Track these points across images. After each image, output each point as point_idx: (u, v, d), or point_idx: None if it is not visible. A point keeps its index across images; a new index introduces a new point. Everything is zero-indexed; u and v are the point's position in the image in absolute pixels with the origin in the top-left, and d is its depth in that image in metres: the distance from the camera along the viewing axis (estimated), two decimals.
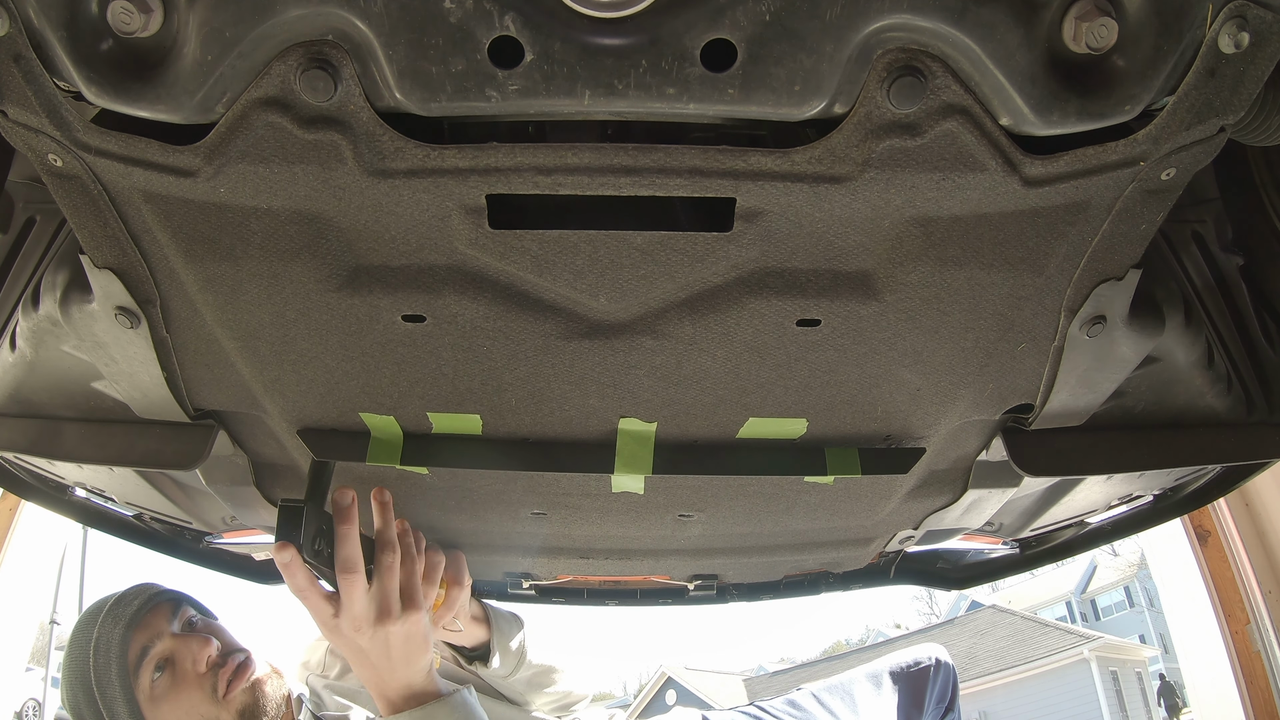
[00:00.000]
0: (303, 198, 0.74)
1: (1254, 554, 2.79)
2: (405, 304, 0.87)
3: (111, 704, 1.31)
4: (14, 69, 0.65)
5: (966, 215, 0.77)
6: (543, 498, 1.33)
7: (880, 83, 0.64)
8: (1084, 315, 0.89)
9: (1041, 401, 1.05)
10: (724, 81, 0.62)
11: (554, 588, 2.00)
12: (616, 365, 0.96)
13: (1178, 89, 0.66)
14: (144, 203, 0.77)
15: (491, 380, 0.99)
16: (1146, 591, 21.45)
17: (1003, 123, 0.67)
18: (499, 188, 0.73)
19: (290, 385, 1.02)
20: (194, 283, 0.86)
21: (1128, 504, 1.60)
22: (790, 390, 1.02)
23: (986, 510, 1.52)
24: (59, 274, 0.94)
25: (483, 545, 1.62)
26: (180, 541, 1.83)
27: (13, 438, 1.20)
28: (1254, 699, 2.77)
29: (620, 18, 0.59)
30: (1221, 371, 1.10)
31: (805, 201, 0.74)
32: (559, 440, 1.13)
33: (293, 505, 1.07)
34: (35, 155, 0.74)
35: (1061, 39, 0.62)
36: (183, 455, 1.13)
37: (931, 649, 1.96)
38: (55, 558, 3.33)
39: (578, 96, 0.62)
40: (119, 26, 0.61)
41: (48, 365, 1.08)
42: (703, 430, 1.10)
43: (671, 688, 21.04)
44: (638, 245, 0.80)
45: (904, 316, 0.89)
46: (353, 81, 0.64)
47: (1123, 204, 0.77)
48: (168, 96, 0.64)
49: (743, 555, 1.68)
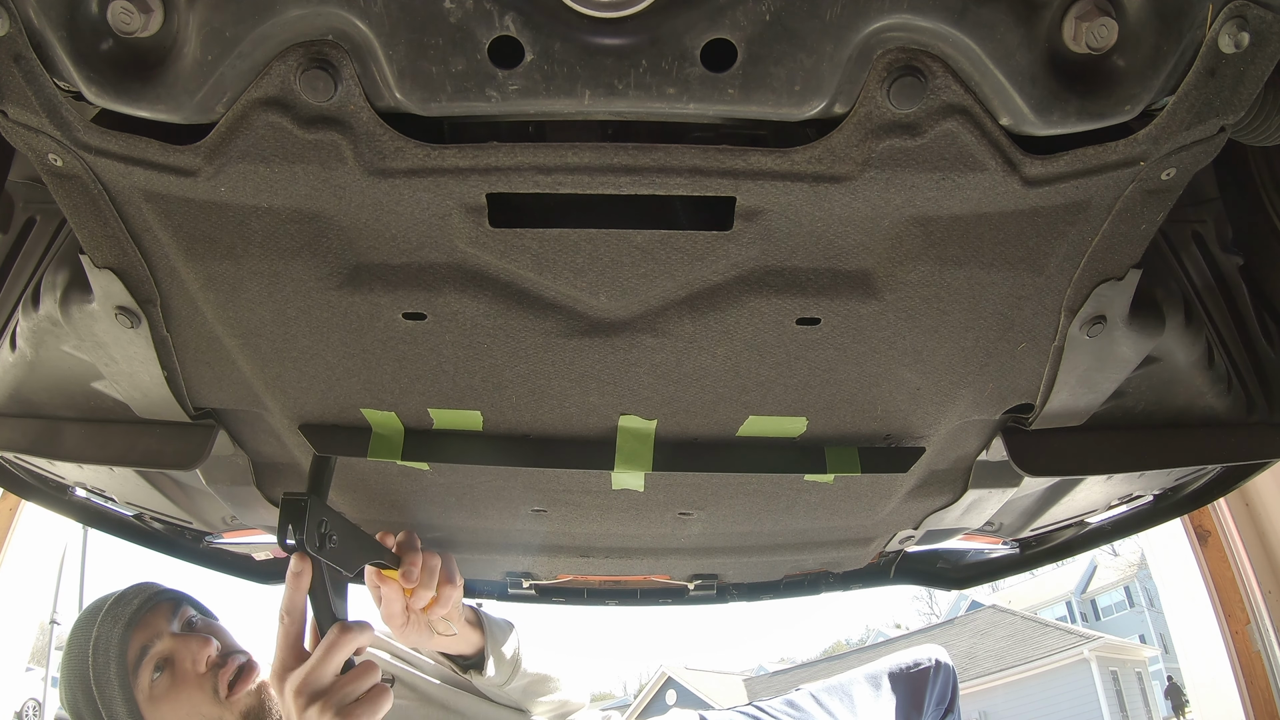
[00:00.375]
0: (303, 197, 0.74)
1: (1254, 554, 2.79)
2: (406, 302, 0.87)
3: (110, 703, 1.30)
4: (14, 69, 0.65)
5: (966, 215, 0.77)
6: (543, 494, 1.33)
7: (880, 83, 0.64)
8: (1084, 315, 0.89)
9: (1041, 401, 1.05)
10: (724, 81, 0.62)
11: (554, 587, 2.00)
12: (617, 363, 0.96)
13: (1178, 89, 0.66)
14: (144, 202, 0.77)
15: (492, 377, 0.99)
16: (1146, 591, 21.44)
17: (1003, 123, 0.67)
18: (499, 187, 0.73)
19: (291, 382, 1.02)
20: (195, 281, 0.86)
21: (1128, 504, 1.60)
22: (790, 389, 1.02)
23: (986, 510, 1.52)
24: (59, 274, 0.94)
25: (483, 543, 1.62)
26: (180, 541, 1.83)
27: (13, 438, 1.20)
28: (1254, 699, 2.77)
29: (620, 18, 0.59)
30: (1221, 371, 1.10)
31: (805, 201, 0.74)
32: (559, 437, 1.13)
33: (296, 499, 1.07)
34: (35, 155, 0.74)
35: (1062, 39, 0.62)
36: (183, 455, 1.13)
37: (931, 650, 1.96)
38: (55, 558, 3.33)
39: (578, 96, 0.62)
40: (119, 26, 0.61)
41: (48, 365, 1.09)
42: (702, 428, 1.11)
43: (671, 688, 21.05)
44: (638, 244, 0.80)
45: (904, 316, 0.89)
46: (353, 81, 0.64)
47: (1123, 204, 0.77)
48: (168, 96, 0.64)
49: (743, 555, 1.68)
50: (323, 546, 1.09)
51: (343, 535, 1.13)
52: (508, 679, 1.55)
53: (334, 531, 1.11)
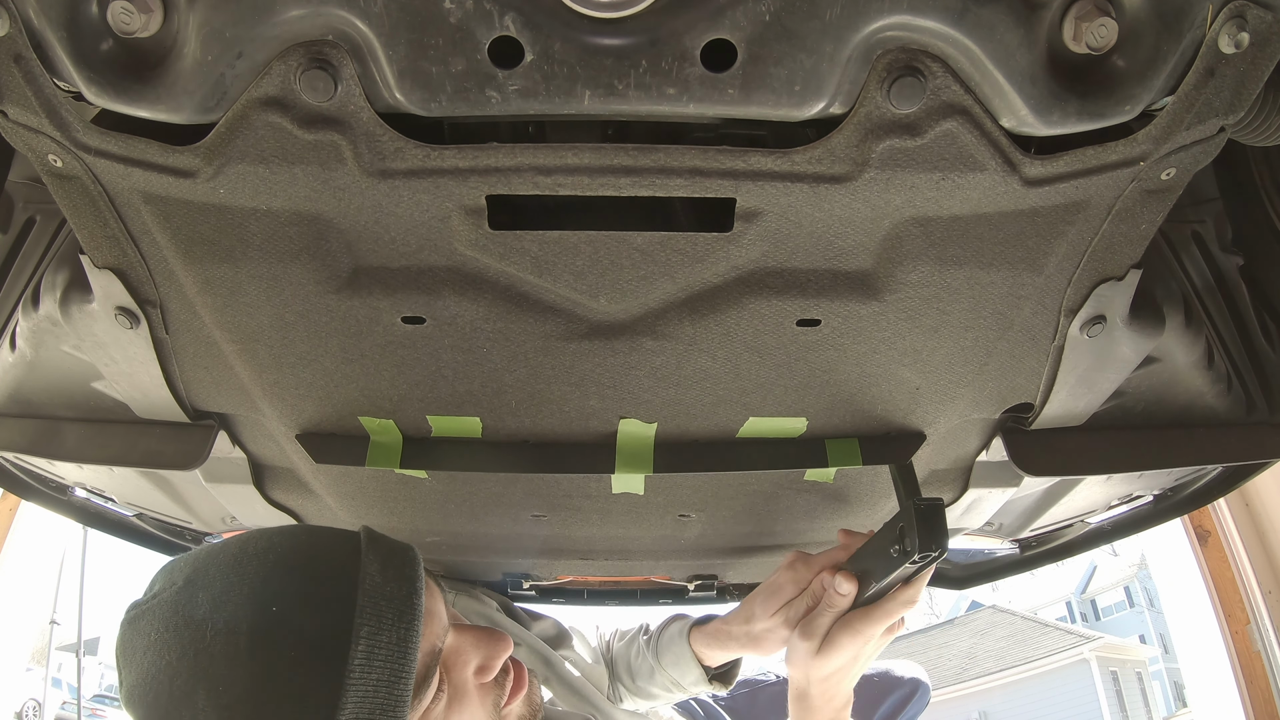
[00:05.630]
0: (302, 198, 0.74)
1: (1254, 554, 2.79)
2: (405, 305, 0.86)
3: None
4: (14, 69, 0.64)
5: (966, 215, 0.77)
6: (543, 500, 1.33)
7: (880, 83, 0.64)
8: (1084, 315, 0.89)
9: (1041, 401, 1.05)
10: (724, 82, 0.62)
11: (554, 588, 2.00)
12: (616, 366, 0.96)
13: (1178, 89, 0.66)
14: (144, 203, 0.77)
15: (491, 382, 0.99)
16: (1146, 591, 21.41)
17: (1003, 123, 0.67)
18: (499, 188, 0.73)
19: (289, 388, 1.01)
20: (193, 284, 0.86)
21: (1128, 504, 1.59)
22: (790, 390, 1.02)
23: (986, 510, 1.52)
24: (59, 274, 0.94)
25: (483, 547, 1.62)
26: (180, 542, 1.83)
27: (13, 438, 1.20)
28: (1254, 699, 2.76)
29: (620, 18, 0.59)
30: (1221, 371, 1.10)
31: (805, 201, 0.74)
32: (559, 441, 1.13)
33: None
34: (35, 155, 0.74)
35: (1061, 39, 0.62)
36: (183, 455, 1.13)
37: (913, 669, 1.94)
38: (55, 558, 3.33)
39: (578, 97, 0.62)
40: (119, 27, 0.61)
41: (48, 365, 1.08)
42: (703, 430, 1.10)
43: None
44: (638, 246, 0.80)
45: (904, 316, 0.89)
46: (353, 82, 0.64)
47: (1122, 204, 0.77)
48: (168, 97, 0.64)
49: (742, 555, 1.68)
50: None
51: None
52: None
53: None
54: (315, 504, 1.41)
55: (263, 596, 0.78)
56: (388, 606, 0.79)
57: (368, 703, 0.75)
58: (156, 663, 0.77)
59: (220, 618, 0.76)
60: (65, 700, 8.34)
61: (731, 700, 1.91)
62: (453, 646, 0.92)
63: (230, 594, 0.78)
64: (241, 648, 0.74)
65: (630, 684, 1.69)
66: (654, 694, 1.66)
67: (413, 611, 0.80)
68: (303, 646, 0.75)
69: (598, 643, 1.83)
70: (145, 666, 0.78)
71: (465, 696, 0.90)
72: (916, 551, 0.99)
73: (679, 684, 1.58)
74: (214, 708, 0.73)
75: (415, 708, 0.82)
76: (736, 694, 1.92)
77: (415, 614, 0.80)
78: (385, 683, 0.76)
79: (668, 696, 1.67)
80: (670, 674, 1.57)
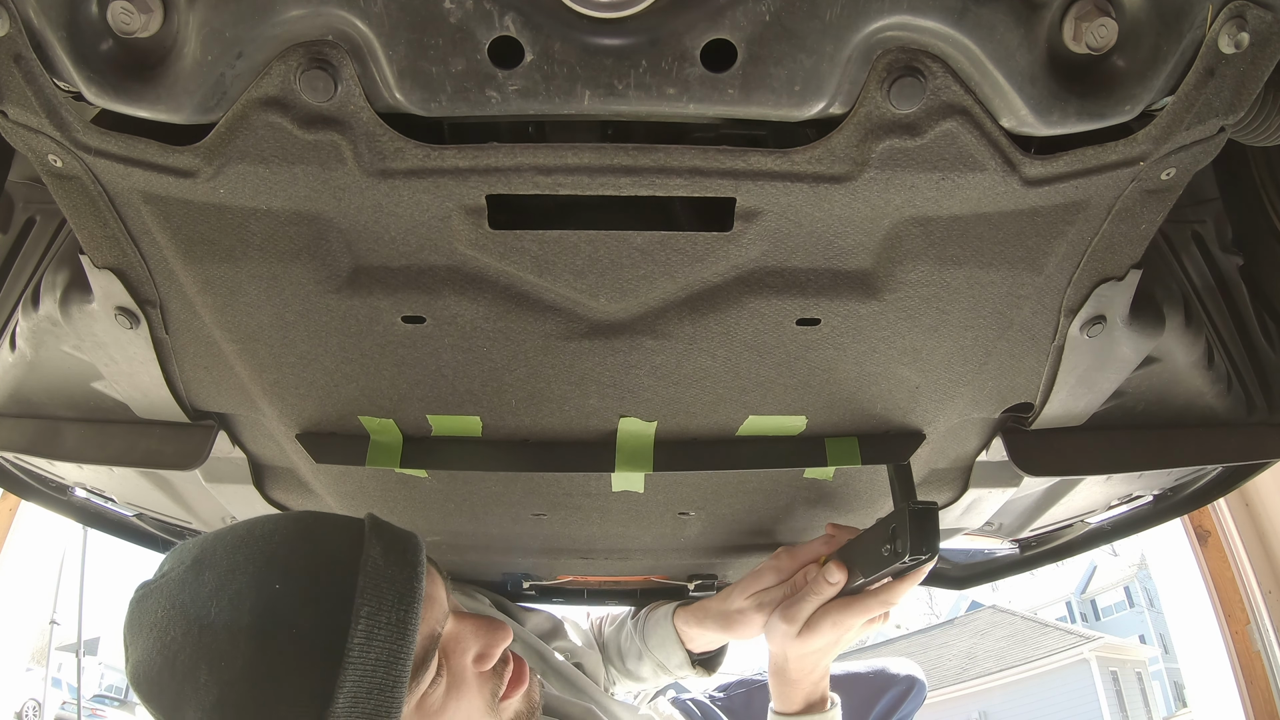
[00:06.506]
0: (302, 198, 0.74)
1: (1254, 554, 2.79)
2: (405, 305, 0.87)
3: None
4: (14, 69, 0.64)
5: (966, 215, 0.77)
6: (543, 498, 1.33)
7: (880, 83, 0.64)
8: (1084, 315, 0.90)
9: (1041, 401, 1.05)
10: (724, 82, 0.62)
11: (554, 588, 2.00)
12: (616, 365, 0.96)
13: (1177, 89, 0.66)
14: (144, 203, 0.77)
15: (491, 381, 0.99)
16: (1146, 591, 21.42)
17: (1002, 123, 0.67)
18: (499, 188, 0.73)
19: (289, 388, 1.01)
20: (192, 284, 0.86)
21: (1128, 504, 1.59)
22: (790, 389, 1.02)
23: (986, 510, 1.52)
24: (59, 274, 0.94)
25: (483, 546, 1.62)
26: (180, 542, 1.83)
27: (13, 438, 1.20)
28: (1254, 699, 2.77)
29: (620, 18, 0.59)
30: (1221, 371, 1.10)
31: (805, 201, 0.74)
32: (559, 440, 1.13)
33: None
34: (35, 156, 0.74)
35: (1061, 39, 0.62)
36: (183, 455, 1.13)
37: (908, 666, 1.94)
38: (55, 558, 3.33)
39: (578, 97, 0.62)
40: (119, 27, 0.61)
41: (48, 365, 1.08)
42: (702, 429, 1.10)
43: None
44: (638, 245, 0.80)
45: (903, 315, 0.89)
46: (353, 82, 0.64)
47: (1122, 204, 0.77)
48: (168, 97, 0.64)
49: (742, 554, 1.68)
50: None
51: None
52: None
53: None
54: (315, 503, 1.41)
55: (267, 576, 0.79)
56: (389, 588, 0.81)
57: (366, 681, 0.77)
58: (161, 639, 0.79)
59: (224, 596, 0.78)
60: (65, 700, 8.35)
61: (728, 700, 1.91)
62: (452, 633, 0.93)
63: (235, 574, 0.80)
64: (244, 626, 0.76)
65: (620, 666, 1.71)
66: (643, 676, 1.68)
67: (413, 594, 0.81)
68: (304, 625, 0.77)
69: (589, 626, 1.84)
70: (150, 644, 0.79)
71: (463, 683, 0.91)
72: (907, 554, 1.01)
73: (664, 666, 1.61)
74: (216, 683, 0.75)
75: (413, 690, 0.83)
76: (734, 694, 1.93)
77: (415, 597, 0.81)
78: (384, 662, 0.78)
79: (656, 680, 1.70)
80: (656, 655, 1.60)
